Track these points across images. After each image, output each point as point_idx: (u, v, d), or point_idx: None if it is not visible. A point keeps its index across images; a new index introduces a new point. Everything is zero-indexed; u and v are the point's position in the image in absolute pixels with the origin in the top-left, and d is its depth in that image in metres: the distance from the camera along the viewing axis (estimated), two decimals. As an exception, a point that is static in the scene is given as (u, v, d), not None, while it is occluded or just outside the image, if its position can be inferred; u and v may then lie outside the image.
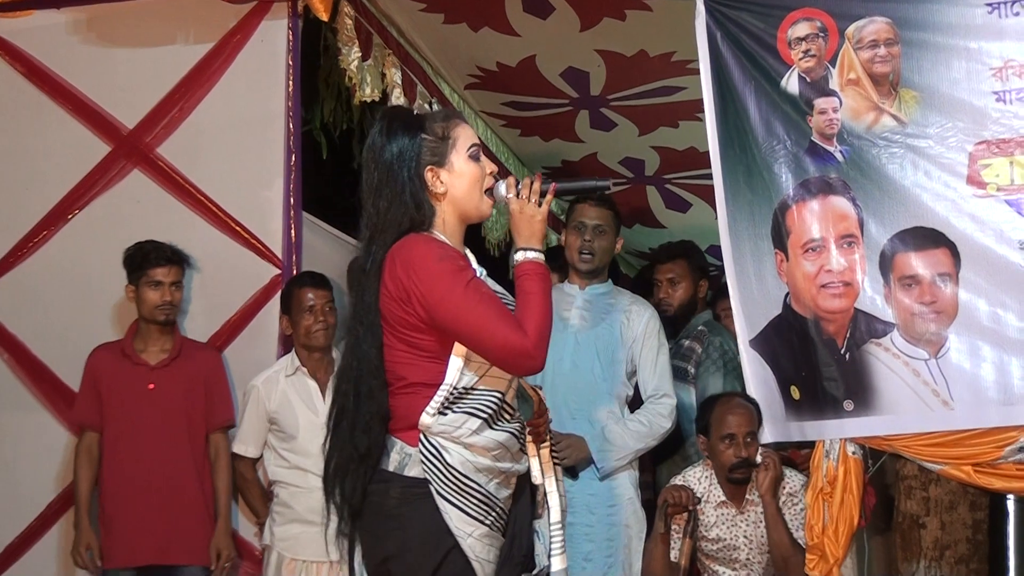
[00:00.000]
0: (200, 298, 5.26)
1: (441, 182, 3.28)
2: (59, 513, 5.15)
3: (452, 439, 3.18)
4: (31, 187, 5.42)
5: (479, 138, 3.40)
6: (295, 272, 5.14)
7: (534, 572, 3.34)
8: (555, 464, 3.51)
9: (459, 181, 3.30)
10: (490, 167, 3.35)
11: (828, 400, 4.23)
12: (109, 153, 5.36)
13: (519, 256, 3.27)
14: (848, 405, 4.17)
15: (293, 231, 5.21)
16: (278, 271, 5.19)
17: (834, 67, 4.29)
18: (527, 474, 3.39)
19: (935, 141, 4.10)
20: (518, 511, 3.31)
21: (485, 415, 3.20)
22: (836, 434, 4.25)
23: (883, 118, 4.19)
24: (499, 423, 3.23)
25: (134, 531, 4.84)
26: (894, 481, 5.04)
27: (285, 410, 4.85)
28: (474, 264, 3.34)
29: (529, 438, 3.37)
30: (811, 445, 4.52)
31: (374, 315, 3.26)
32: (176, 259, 4.98)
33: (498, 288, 3.34)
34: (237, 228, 5.24)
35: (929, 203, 4.08)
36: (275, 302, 5.13)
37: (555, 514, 3.42)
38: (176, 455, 4.90)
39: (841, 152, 4.25)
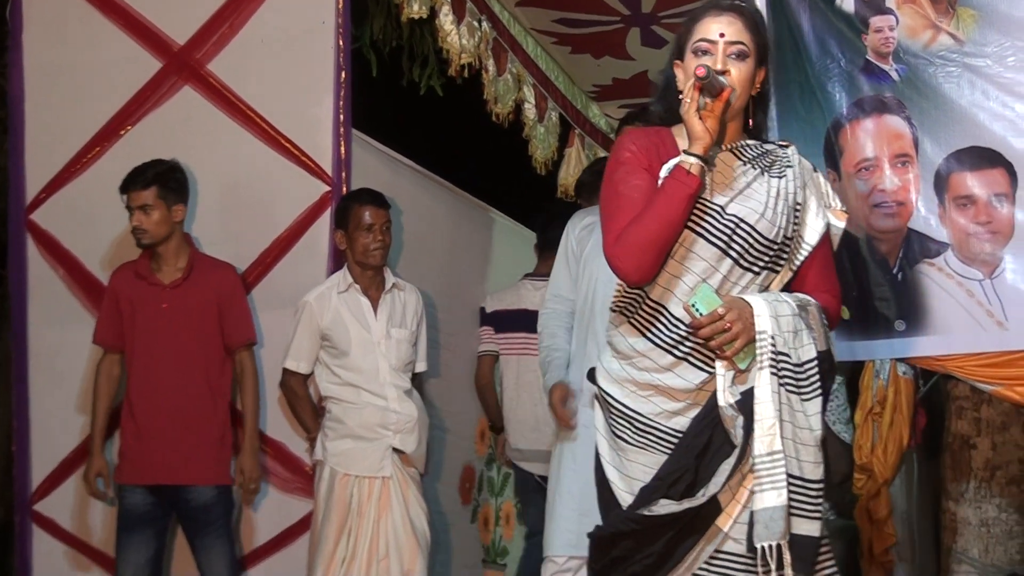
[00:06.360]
0: (250, 215, 5.28)
1: (683, 78, 3.15)
2: (113, 429, 5.21)
3: (607, 343, 3.22)
4: (83, 103, 5.46)
5: (722, 32, 3.07)
6: (345, 189, 5.15)
7: (695, 497, 3.04)
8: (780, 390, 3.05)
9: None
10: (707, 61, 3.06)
11: (879, 320, 4.20)
12: (160, 70, 5.37)
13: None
14: (900, 325, 4.14)
15: (343, 148, 5.20)
16: (328, 188, 5.19)
17: (890, -15, 4.23)
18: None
19: (993, 60, 4.03)
20: (691, 432, 3.07)
21: (631, 314, 3.14)
22: (887, 354, 4.23)
23: (940, 37, 4.12)
24: (651, 330, 3.10)
25: (145, 450, 4.83)
26: (945, 401, 5.04)
27: (338, 327, 4.87)
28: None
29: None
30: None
31: None
32: (144, 182, 4.83)
33: None
34: (287, 145, 5.24)
35: (986, 123, 4.02)
36: (325, 219, 5.15)
37: (760, 445, 2.99)
38: (189, 375, 4.86)
39: (897, 71, 4.18)
